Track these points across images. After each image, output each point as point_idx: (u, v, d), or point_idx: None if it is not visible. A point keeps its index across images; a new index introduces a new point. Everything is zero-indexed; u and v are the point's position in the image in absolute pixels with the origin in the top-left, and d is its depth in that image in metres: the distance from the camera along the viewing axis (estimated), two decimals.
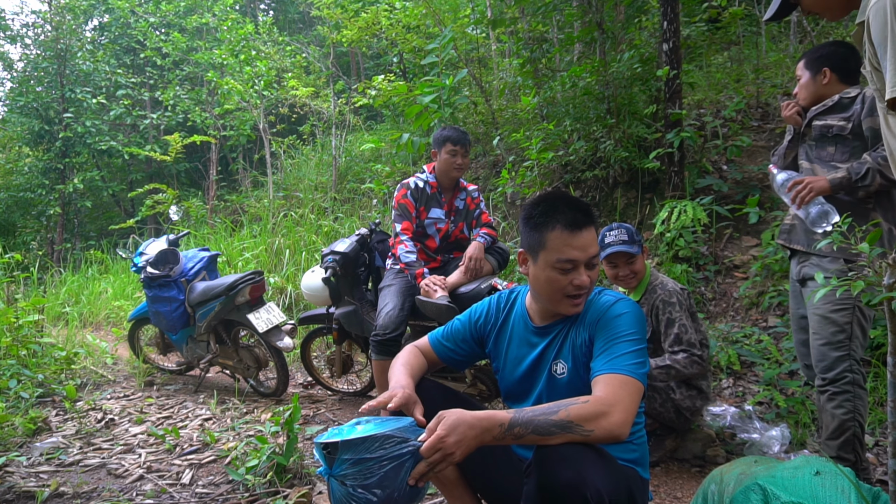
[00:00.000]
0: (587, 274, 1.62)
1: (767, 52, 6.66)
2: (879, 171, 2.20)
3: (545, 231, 1.62)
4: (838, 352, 2.30)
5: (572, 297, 1.64)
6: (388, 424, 1.41)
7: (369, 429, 1.40)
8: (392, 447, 1.37)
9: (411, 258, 3.28)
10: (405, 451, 1.37)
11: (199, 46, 10.74)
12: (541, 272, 1.65)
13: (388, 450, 1.36)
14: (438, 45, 5.91)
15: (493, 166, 6.76)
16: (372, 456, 1.36)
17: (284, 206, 8.13)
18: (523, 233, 1.71)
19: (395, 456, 1.36)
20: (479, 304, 1.91)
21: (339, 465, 1.38)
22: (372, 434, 1.37)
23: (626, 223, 2.82)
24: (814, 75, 2.45)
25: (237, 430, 3.36)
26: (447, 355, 1.89)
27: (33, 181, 11.78)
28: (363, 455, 1.36)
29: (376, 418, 1.49)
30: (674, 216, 4.30)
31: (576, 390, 1.63)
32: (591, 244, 1.62)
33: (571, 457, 1.37)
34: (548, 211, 1.63)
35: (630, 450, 1.67)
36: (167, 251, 4.30)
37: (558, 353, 1.71)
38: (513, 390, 1.82)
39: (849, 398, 2.28)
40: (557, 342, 1.72)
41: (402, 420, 1.46)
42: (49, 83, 11.52)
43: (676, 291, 2.72)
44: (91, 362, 4.84)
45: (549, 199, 1.66)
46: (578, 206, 1.63)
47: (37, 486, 2.62)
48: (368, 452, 1.36)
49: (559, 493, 1.34)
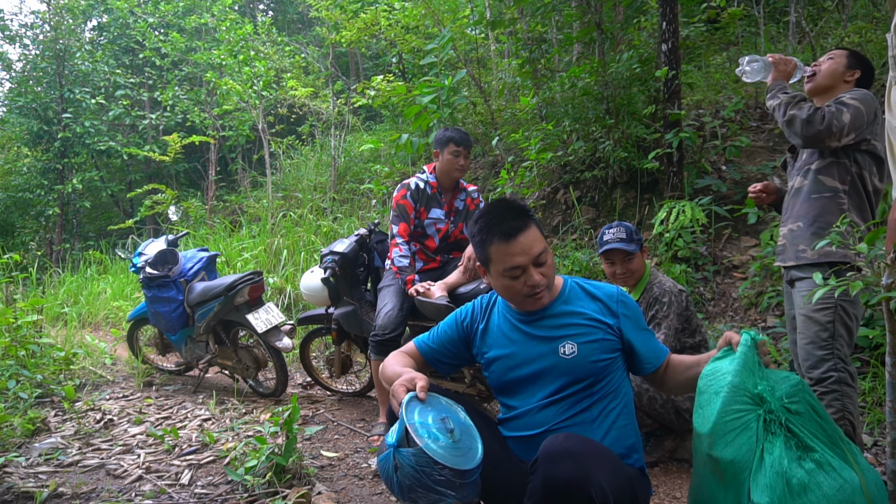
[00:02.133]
0: (538, 272, 1.69)
1: (766, 52, 6.66)
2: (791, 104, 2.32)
3: (486, 246, 1.71)
4: (822, 351, 2.30)
5: (531, 296, 1.72)
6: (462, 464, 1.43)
7: (446, 451, 1.44)
8: (444, 487, 1.41)
9: (404, 263, 3.29)
10: (448, 495, 1.41)
11: (198, 47, 10.74)
12: (496, 281, 1.75)
13: (433, 481, 1.40)
14: (437, 45, 5.91)
15: (492, 167, 6.76)
16: (422, 474, 1.41)
17: (283, 207, 8.13)
18: (473, 249, 1.81)
19: (441, 492, 1.41)
20: (463, 308, 1.94)
21: (404, 454, 1.44)
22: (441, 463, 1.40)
23: (626, 222, 2.83)
24: (847, 67, 2.44)
25: (236, 431, 3.36)
26: (434, 358, 1.91)
27: (32, 181, 11.78)
28: (417, 467, 1.41)
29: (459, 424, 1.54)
30: (672, 216, 4.30)
31: (581, 367, 1.69)
32: (532, 245, 1.68)
33: (577, 454, 1.38)
34: (483, 227, 1.71)
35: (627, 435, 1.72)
36: (166, 251, 4.29)
37: (560, 336, 1.73)
38: (510, 382, 1.80)
39: (837, 397, 2.28)
40: (554, 326, 1.75)
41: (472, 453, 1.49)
42: (48, 83, 11.52)
43: (672, 292, 2.72)
44: (90, 363, 4.83)
45: (484, 215, 1.74)
46: (511, 214, 1.70)
47: (35, 486, 2.62)
48: (423, 469, 1.41)
49: (564, 490, 1.35)
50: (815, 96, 2.51)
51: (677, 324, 2.70)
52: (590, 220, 5.28)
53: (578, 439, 1.47)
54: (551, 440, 1.45)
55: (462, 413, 1.59)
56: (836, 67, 2.44)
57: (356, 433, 3.38)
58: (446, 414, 1.54)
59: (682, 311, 2.73)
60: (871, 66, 2.47)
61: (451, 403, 1.61)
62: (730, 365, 1.56)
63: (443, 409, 1.56)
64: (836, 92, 2.42)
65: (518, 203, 1.75)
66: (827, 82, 2.45)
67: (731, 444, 1.48)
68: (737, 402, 1.51)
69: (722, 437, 1.50)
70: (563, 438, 1.46)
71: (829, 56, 2.49)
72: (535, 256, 1.67)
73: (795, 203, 2.43)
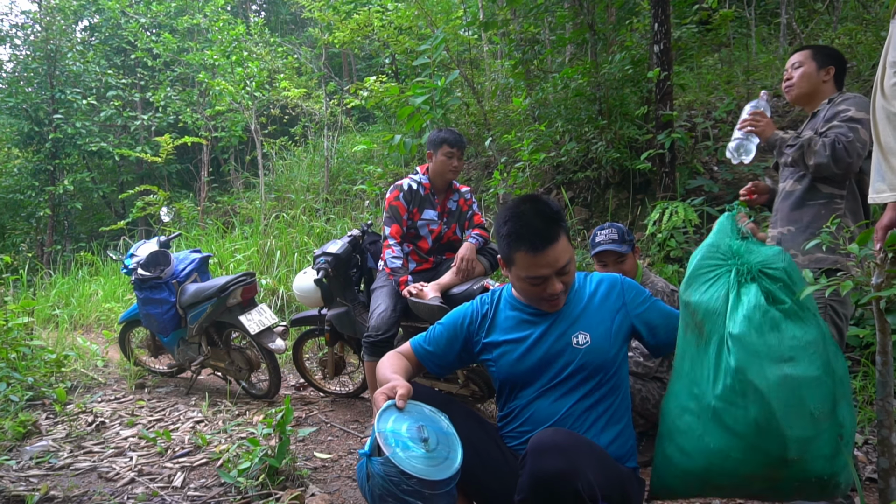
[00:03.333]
0: (560, 280, 1.68)
1: (757, 53, 6.71)
2: (805, 153, 2.23)
3: (512, 251, 1.68)
4: None
5: (549, 300, 1.72)
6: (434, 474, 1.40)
7: (419, 463, 1.41)
8: (407, 492, 1.37)
9: (397, 264, 3.29)
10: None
11: (191, 47, 10.68)
12: (516, 281, 1.74)
13: (402, 491, 1.37)
14: (430, 46, 5.92)
15: (485, 167, 6.77)
16: (391, 483, 1.38)
17: (276, 208, 8.11)
18: (497, 241, 1.77)
19: (403, 500, 1.37)
20: (461, 308, 1.90)
21: (375, 467, 1.41)
22: (412, 474, 1.37)
23: (618, 223, 2.84)
24: (818, 68, 2.40)
25: (229, 433, 3.35)
26: (430, 360, 1.88)
27: (23, 183, 11.70)
28: (386, 477, 1.38)
29: (438, 433, 1.50)
30: (665, 217, 4.32)
31: (594, 357, 1.70)
32: (559, 258, 1.65)
33: (566, 448, 1.39)
34: (512, 233, 1.67)
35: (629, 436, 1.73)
36: (158, 253, 4.27)
37: (572, 327, 1.74)
38: (519, 375, 1.77)
39: None
40: (565, 318, 1.76)
41: (448, 463, 1.45)
42: (39, 84, 11.45)
43: (664, 292, 2.74)
44: (81, 365, 4.81)
45: (514, 217, 1.68)
46: (542, 221, 1.65)
47: (27, 490, 2.60)
48: (391, 479, 1.38)
49: (550, 483, 1.35)
50: (802, 105, 2.50)
51: None
52: (582, 221, 5.30)
53: (567, 434, 1.47)
54: (540, 434, 1.45)
55: (445, 422, 1.56)
56: (808, 72, 2.41)
57: (350, 434, 3.37)
58: (424, 423, 1.50)
59: None
60: (840, 57, 2.45)
61: (434, 412, 1.57)
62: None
63: (422, 417, 1.53)
64: (821, 95, 2.41)
65: (549, 208, 1.69)
66: (807, 89, 2.42)
67: (706, 291, 1.59)
68: (711, 257, 1.64)
69: (697, 285, 1.61)
70: (552, 432, 1.46)
71: (796, 64, 2.45)
72: (560, 268, 1.66)
73: (786, 206, 2.39)
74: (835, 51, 2.46)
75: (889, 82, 1.64)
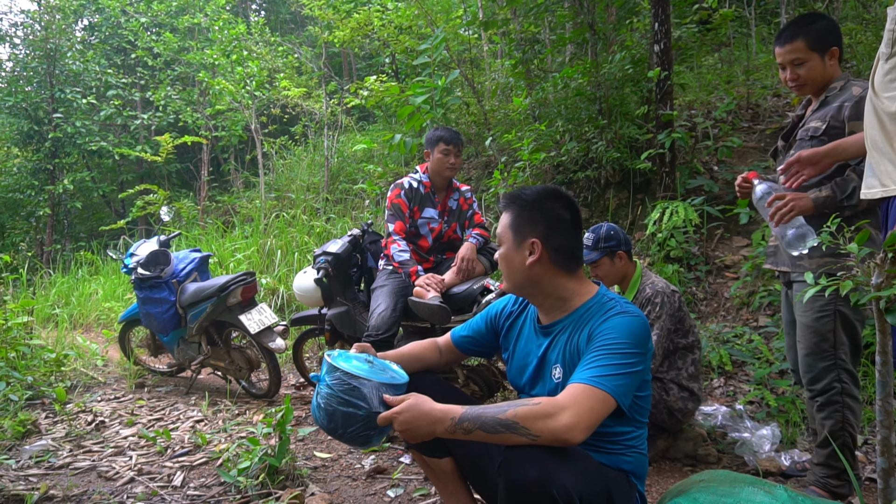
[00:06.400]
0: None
1: (757, 53, 6.71)
2: (853, 187, 2.05)
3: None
4: (824, 362, 2.23)
5: None
6: (375, 377, 1.57)
7: (361, 369, 1.58)
8: (356, 398, 1.54)
9: (404, 257, 3.29)
10: (362, 408, 1.53)
11: (191, 46, 10.67)
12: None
13: (352, 397, 1.54)
14: (430, 45, 5.91)
15: (485, 167, 6.77)
16: (339, 393, 1.55)
17: (276, 207, 8.10)
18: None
19: (354, 405, 1.54)
20: (499, 301, 1.97)
21: (322, 381, 1.61)
22: (353, 373, 1.55)
23: (613, 224, 2.79)
24: (822, 56, 2.20)
25: (229, 432, 3.35)
26: (465, 346, 1.94)
27: (22, 182, 11.67)
28: (336, 386, 1.56)
29: (384, 363, 1.71)
30: (665, 217, 4.32)
31: None
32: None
33: (538, 456, 1.39)
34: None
35: (624, 461, 1.63)
36: (158, 252, 4.27)
37: (557, 357, 1.68)
38: (518, 385, 1.83)
39: (837, 409, 2.22)
40: (557, 345, 1.68)
41: (396, 379, 1.63)
42: (38, 83, 11.42)
43: (664, 292, 2.72)
44: (81, 364, 4.81)
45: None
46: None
47: (26, 489, 2.60)
48: (340, 388, 1.55)
49: (525, 492, 1.36)
50: (813, 94, 2.33)
51: (670, 324, 2.71)
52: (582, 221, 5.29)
53: None
54: (514, 445, 1.44)
55: (402, 373, 1.69)
56: (814, 65, 2.22)
57: None
58: (377, 363, 1.67)
59: (675, 311, 2.74)
60: (830, 26, 2.22)
61: (398, 368, 1.73)
62: None
63: (379, 362, 1.69)
64: (830, 80, 2.25)
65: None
66: (819, 82, 2.26)
67: None
68: None
69: None
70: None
71: (797, 61, 2.24)
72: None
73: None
74: (822, 21, 2.23)
75: (878, 74, 1.62)
